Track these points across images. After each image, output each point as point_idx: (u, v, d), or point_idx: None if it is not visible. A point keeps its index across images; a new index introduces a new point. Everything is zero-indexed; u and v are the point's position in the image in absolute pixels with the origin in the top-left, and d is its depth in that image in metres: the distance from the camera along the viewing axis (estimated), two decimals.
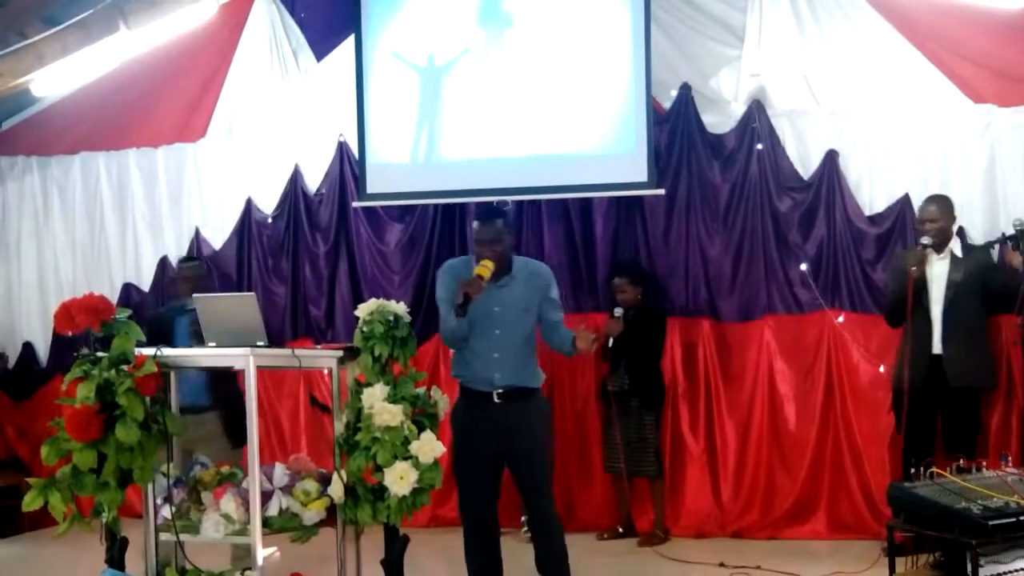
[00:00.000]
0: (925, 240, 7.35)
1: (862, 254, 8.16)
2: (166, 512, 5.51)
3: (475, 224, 6.09)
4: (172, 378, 5.76)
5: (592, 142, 8.52)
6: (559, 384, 8.65)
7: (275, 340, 8.39)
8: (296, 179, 9.43)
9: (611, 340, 8.00)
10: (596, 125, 8.51)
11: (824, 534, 8.15)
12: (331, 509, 5.50)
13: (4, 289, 10.16)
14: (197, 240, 9.61)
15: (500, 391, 5.90)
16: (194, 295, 6.09)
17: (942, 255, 7.40)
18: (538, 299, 6.00)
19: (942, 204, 7.52)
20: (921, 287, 7.38)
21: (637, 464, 8.28)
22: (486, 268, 5.76)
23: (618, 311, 7.98)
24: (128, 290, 9.72)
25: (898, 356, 7.57)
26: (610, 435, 8.33)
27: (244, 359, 5.40)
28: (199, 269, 7.75)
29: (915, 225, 7.64)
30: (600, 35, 8.49)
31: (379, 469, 5.30)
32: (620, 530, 8.42)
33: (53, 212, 10.05)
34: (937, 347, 7.33)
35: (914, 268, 7.26)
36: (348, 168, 9.28)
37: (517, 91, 8.63)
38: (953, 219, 7.53)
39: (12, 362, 10.01)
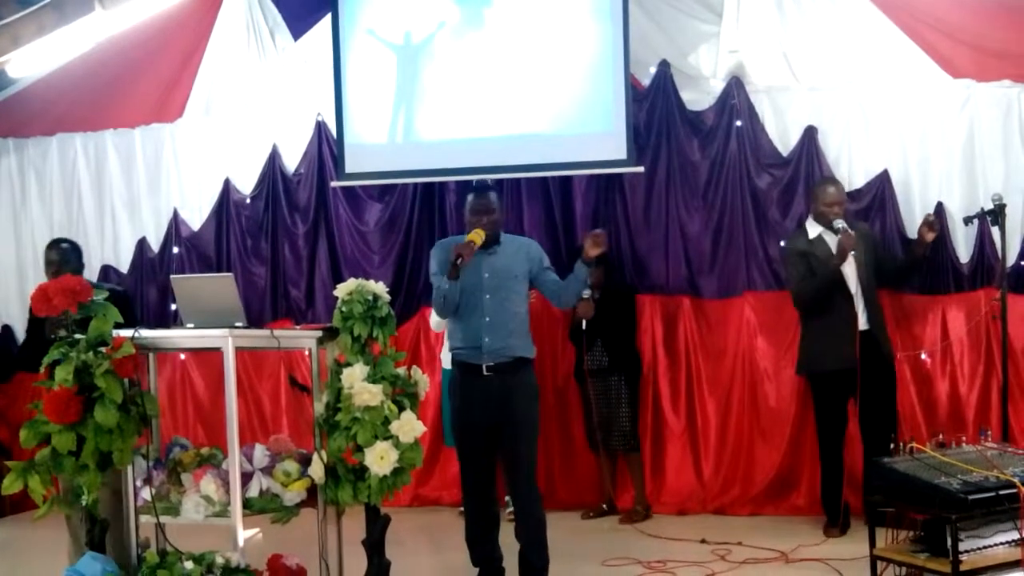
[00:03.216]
0: (839, 223, 7.37)
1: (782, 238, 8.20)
2: (146, 494, 5.49)
3: (470, 197, 6.34)
4: (151, 359, 5.74)
5: (571, 120, 8.51)
6: (540, 363, 8.64)
7: (255, 321, 8.41)
8: (274, 159, 9.39)
9: (584, 323, 8.08)
10: (575, 103, 8.49)
11: (805, 510, 8.16)
12: (312, 490, 5.50)
13: None
14: (175, 221, 9.56)
15: (489, 364, 6.14)
16: (172, 277, 6.07)
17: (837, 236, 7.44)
18: (527, 268, 6.30)
19: (840, 185, 7.72)
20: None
21: (615, 439, 8.31)
22: (478, 235, 6.07)
23: (586, 293, 8.04)
24: (107, 272, 9.65)
25: (816, 339, 7.58)
26: (590, 413, 8.34)
27: (223, 340, 5.38)
28: (68, 252, 7.51)
29: (819, 207, 7.57)
30: (578, 12, 8.48)
31: (359, 449, 5.31)
32: (604, 507, 8.45)
33: (30, 194, 9.99)
34: (863, 323, 7.40)
35: (853, 252, 7.30)
36: (326, 148, 9.25)
37: (495, 70, 8.61)
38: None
39: None
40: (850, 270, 7.41)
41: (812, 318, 7.58)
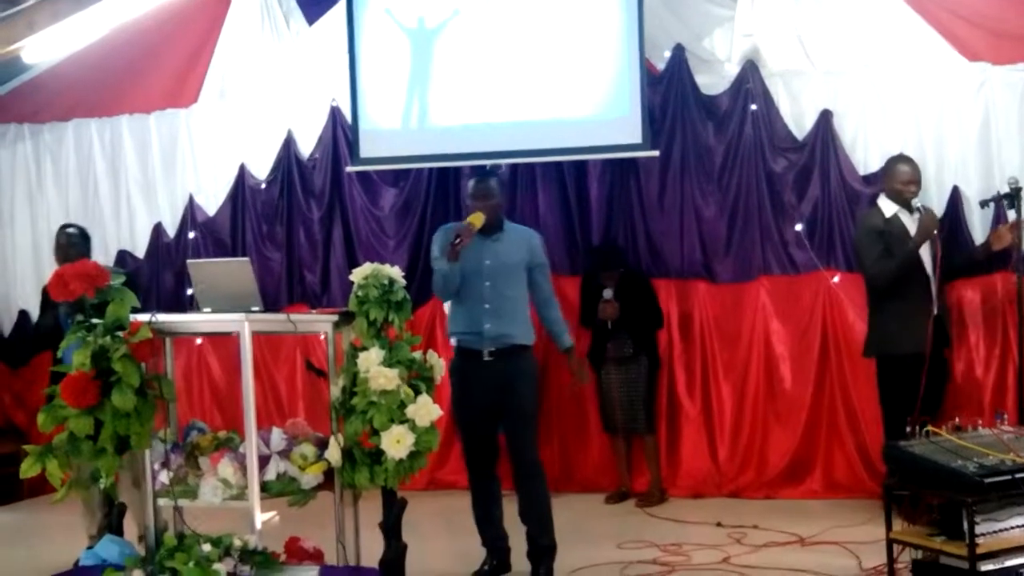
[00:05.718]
0: (919, 203, 7.24)
1: (857, 214, 8.11)
2: (164, 478, 5.52)
3: (470, 183, 6.51)
4: (168, 343, 5.76)
5: (585, 104, 8.48)
6: (552, 349, 8.65)
7: (271, 306, 8.41)
8: (289, 144, 9.40)
9: (609, 323, 8.12)
10: (589, 87, 8.47)
11: (820, 493, 8.20)
12: (329, 473, 5.51)
13: None
14: (191, 206, 9.59)
15: (491, 350, 6.24)
16: (189, 262, 6.08)
17: (914, 216, 7.28)
18: (528, 258, 6.38)
19: (913, 163, 7.49)
20: None
21: (636, 422, 8.34)
22: (478, 218, 6.14)
23: (607, 293, 8.11)
24: (123, 257, 9.68)
25: (891, 321, 7.30)
26: (609, 397, 8.37)
27: (240, 324, 5.40)
28: (75, 237, 7.63)
29: (894, 185, 7.38)
30: None
31: (376, 433, 5.32)
32: (624, 490, 8.47)
33: (46, 179, 10.02)
34: (935, 308, 7.21)
35: (937, 232, 7.16)
36: (341, 133, 9.26)
37: (509, 55, 8.58)
38: None
39: (8, 330, 10.01)
40: (925, 253, 7.22)
41: (886, 300, 7.30)
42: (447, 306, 8.13)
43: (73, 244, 7.46)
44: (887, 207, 7.38)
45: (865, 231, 7.43)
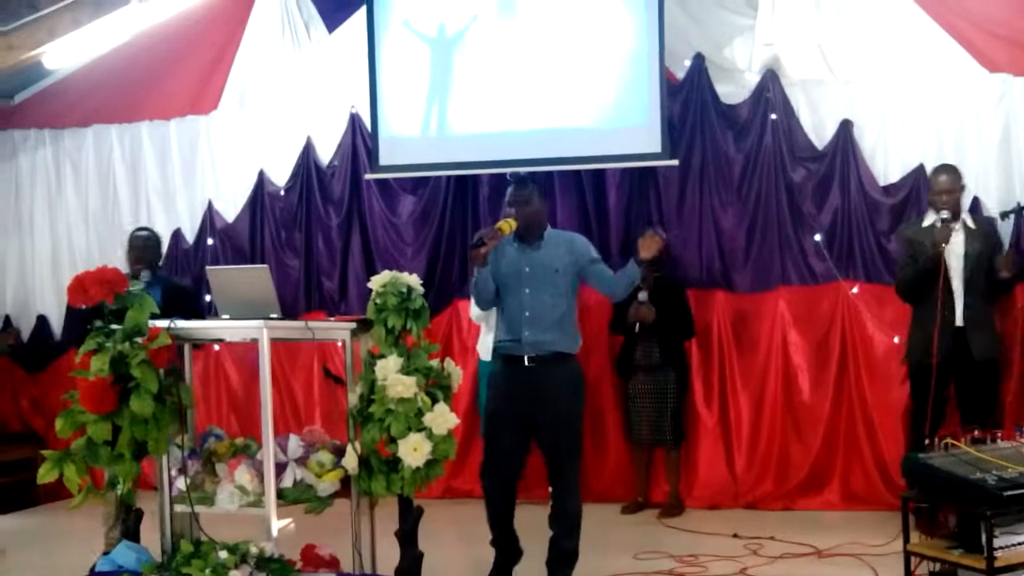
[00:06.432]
0: (945, 214, 7.10)
1: (877, 224, 8.12)
2: (181, 484, 5.53)
3: (509, 188, 6.32)
4: (186, 350, 5.77)
5: (605, 113, 8.50)
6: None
7: (288, 313, 8.42)
8: (308, 151, 9.42)
9: (638, 325, 8.07)
10: (609, 96, 8.48)
11: (837, 505, 8.17)
12: (345, 481, 5.53)
13: (18, 262, 10.16)
14: (210, 213, 9.61)
15: (531, 356, 6.08)
16: (208, 268, 6.10)
17: (956, 226, 7.23)
18: (572, 260, 6.21)
19: (953, 174, 7.38)
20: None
21: (662, 433, 8.32)
22: (507, 224, 6.00)
23: (642, 296, 8.02)
24: None
25: (915, 330, 7.37)
26: (636, 409, 8.36)
27: (258, 331, 5.41)
28: (150, 239, 7.79)
29: (931, 196, 7.37)
30: (613, 5, 8.46)
31: (393, 441, 5.32)
32: (640, 500, 8.46)
33: (66, 185, 10.05)
34: (959, 320, 7.13)
35: (945, 244, 7.01)
36: (360, 140, 9.27)
37: (528, 63, 8.61)
38: (963, 188, 7.43)
39: (26, 335, 10.02)
40: (956, 264, 7.15)
41: (914, 308, 7.36)
42: (474, 314, 8.14)
43: (149, 247, 7.66)
44: (928, 217, 7.35)
45: (897, 239, 7.53)
